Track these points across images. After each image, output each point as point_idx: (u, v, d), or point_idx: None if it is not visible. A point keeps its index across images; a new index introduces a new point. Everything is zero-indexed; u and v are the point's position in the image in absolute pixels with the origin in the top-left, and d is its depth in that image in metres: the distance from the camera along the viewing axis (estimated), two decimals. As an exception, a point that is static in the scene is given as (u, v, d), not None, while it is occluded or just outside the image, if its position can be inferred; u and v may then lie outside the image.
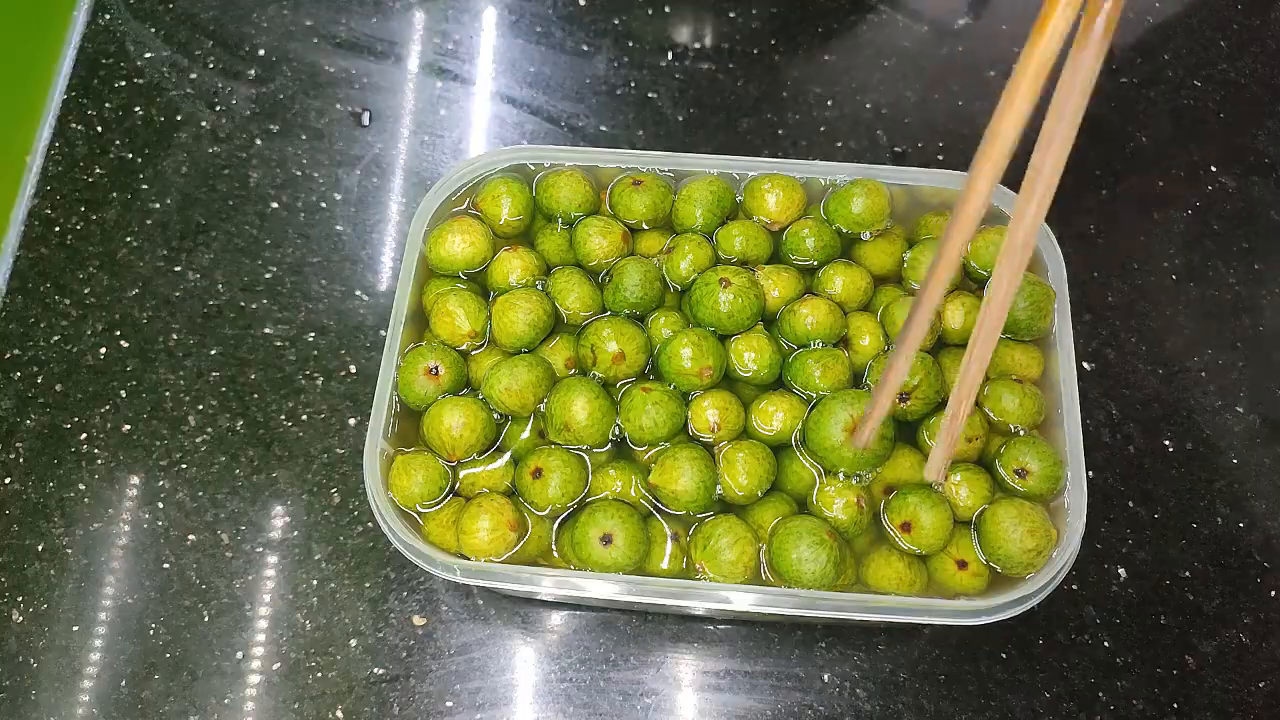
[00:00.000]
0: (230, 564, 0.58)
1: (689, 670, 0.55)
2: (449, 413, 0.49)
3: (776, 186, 0.55)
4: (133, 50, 0.75)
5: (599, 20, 0.77)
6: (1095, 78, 0.29)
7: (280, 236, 0.68)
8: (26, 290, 0.66)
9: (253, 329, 0.65)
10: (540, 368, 0.50)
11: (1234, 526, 0.59)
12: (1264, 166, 0.71)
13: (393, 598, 0.57)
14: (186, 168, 0.71)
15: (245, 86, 0.74)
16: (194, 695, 0.55)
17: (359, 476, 0.60)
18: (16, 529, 0.59)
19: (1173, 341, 0.65)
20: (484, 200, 0.55)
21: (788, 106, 0.73)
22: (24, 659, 0.55)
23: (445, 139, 0.72)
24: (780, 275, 0.53)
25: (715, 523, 0.48)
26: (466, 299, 0.52)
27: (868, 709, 0.54)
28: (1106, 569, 0.58)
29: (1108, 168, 0.71)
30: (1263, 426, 0.62)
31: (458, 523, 0.48)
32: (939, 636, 0.56)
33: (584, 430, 0.49)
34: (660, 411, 0.49)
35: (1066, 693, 0.55)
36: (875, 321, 0.53)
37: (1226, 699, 0.55)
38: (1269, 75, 0.75)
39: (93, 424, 0.62)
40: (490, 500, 0.48)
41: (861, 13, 0.77)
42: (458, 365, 0.52)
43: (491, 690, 0.55)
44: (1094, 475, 0.60)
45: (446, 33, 0.77)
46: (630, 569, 0.47)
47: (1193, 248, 0.68)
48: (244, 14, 0.77)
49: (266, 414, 0.62)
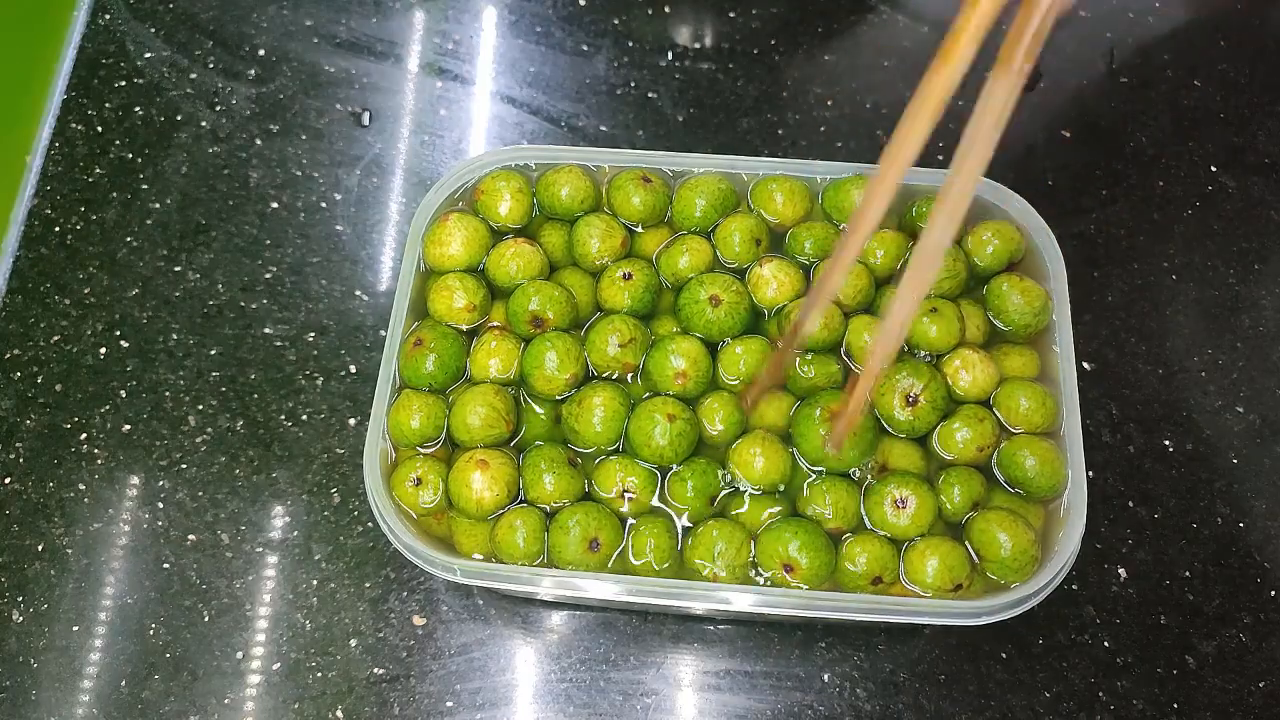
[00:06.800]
0: (230, 564, 0.58)
1: (689, 670, 0.55)
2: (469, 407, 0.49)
3: (781, 188, 0.55)
4: (133, 50, 0.75)
5: (599, 20, 0.77)
6: (1010, 109, 0.31)
7: (280, 236, 0.68)
8: (26, 290, 0.66)
9: (253, 329, 0.65)
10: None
11: (1234, 526, 0.59)
12: (1264, 166, 0.71)
13: (393, 598, 0.57)
14: (186, 168, 0.71)
15: (245, 86, 0.74)
16: (194, 695, 0.55)
17: (359, 476, 0.60)
18: (16, 529, 0.59)
19: (1173, 341, 0.65)
20: (484, 196, 0.55)
21: (788, 106, 0.73)
22: (24, 659, 0.55)
23: (445, 139, 0.72)
24: (784, 272, 0.53)
25: (712, 524, 0.48)
26: (464, 277, 0.53)
27: (868, 709, 0.54)
28: (1106, 569, 0.58)
29: (1108, 168, 0.71)
30: (1263, 426, 0.62)
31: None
32: (939, 636, 0.56)
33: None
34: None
35: (1066, 693, 0.55)
36: (879, 323, 0.52)
37: (1226, 699, 0.55)
38: (1269, 75, 0.75)
39: (93, 424, 0.62)
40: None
41: (861, 13, 0.77)
42: (445, 338, 0.52)
43: (491, 690, 0.55)
44: (1094, 475, 0.60)
45: (446, 33, 0.77)
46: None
47: (1193, 248, 0.68)
48: (244, 14, 0.77)
49: (266, 414, 0.62)
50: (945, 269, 0.52)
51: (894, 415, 0.49)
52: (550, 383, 0.50)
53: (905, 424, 0.49)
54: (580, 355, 0.51)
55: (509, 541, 0.48)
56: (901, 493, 0.48)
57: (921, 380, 0.49)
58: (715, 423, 0.50)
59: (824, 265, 0.54)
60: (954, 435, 0.49)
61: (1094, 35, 0.76)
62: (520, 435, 0.51)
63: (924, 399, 0.49)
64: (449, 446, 0.51)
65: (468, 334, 0.53)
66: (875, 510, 0.48)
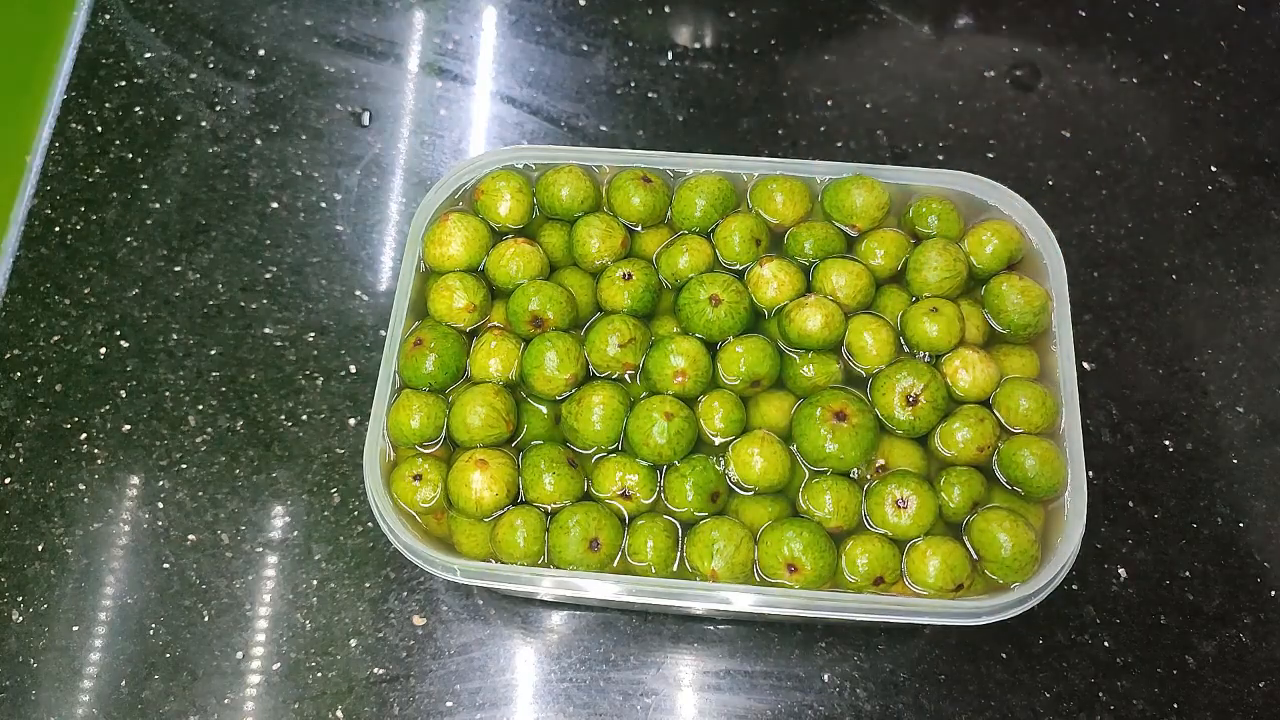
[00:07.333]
0: (230, 564, 0.58)
1: (689, 670, 0.55)
2: (469, 407, 0.49)
3: (781, 188, 0.55)
4: (133, 50, 0.75)
5: (599, 20, 0.77)
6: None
7: (280, 236, 0.68)
8: (26, 290, 0.66)
9: (253, 329, 0.65)
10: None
11: (1234, 526, 0.59)
12: (1264, 166, 0.71)
13: (393, 598, 0.57)
14: (186, 168, 0.71)
15: (245, 86, 0.74)
16: (194, 695, 0.55)
17: (359, 476, 0.60)
18: (16, 529, 0.59)
19: (1173, 341, 0.65)
20: (484, 196, 0.55)
21: (788, 106, 0.73)
22: (24, 659, 0.55)
23: (445, 139, 0.72)
24: (784, 271, 0.53)
25: (712, 524, 0.48)
26: (464, 277, 0.53)
27: (868, 709, 0.54)
28: (1106, 569, 0.58)
29: (1108, 168, 0.71)
30: (1263, 426, 0.62)
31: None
32: (939, 636, 0.56)
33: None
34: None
35: (1066, 693, 0.55)
36: (879, 322, 0.52)
37: (1226, 699, 0.55)
38: (1269, 75, 0.75)
39: (93, 424, 0.62)
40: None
41: (861, 13, 0.77)
42: (445, 338, 0.52)
43: (491, 690, 0.55)
44: (1094, 475, 0.60)
45: (446, 33, 0.77)
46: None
47: (1193, 248, 0.68)
48: (244, 14, 0.77)
49: (266, 414, 0.62)
50: (945, 269, 0.52)
51: (894, 415, 0.49)
52: (550, 383, 0.50)
53: (905, 424, 0.49)
54: (580, 355, 0.51)
55: (509, 541, 0.48)
56: (902, 493, 0.48)
57: (921, 380, 0.49)
58: (715, 422, 0.50)
59: (824, 265, 0.54)
60: (954, 435, 0.49)
61: (1094, 35, 0.76)
62: (520, 435, 0.51)
63: (924, 399, 0.49)
64: (449, 446, 0.51)
65: (468, 334, 0.53)
66: (876, 510, 0.48)
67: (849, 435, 0.48)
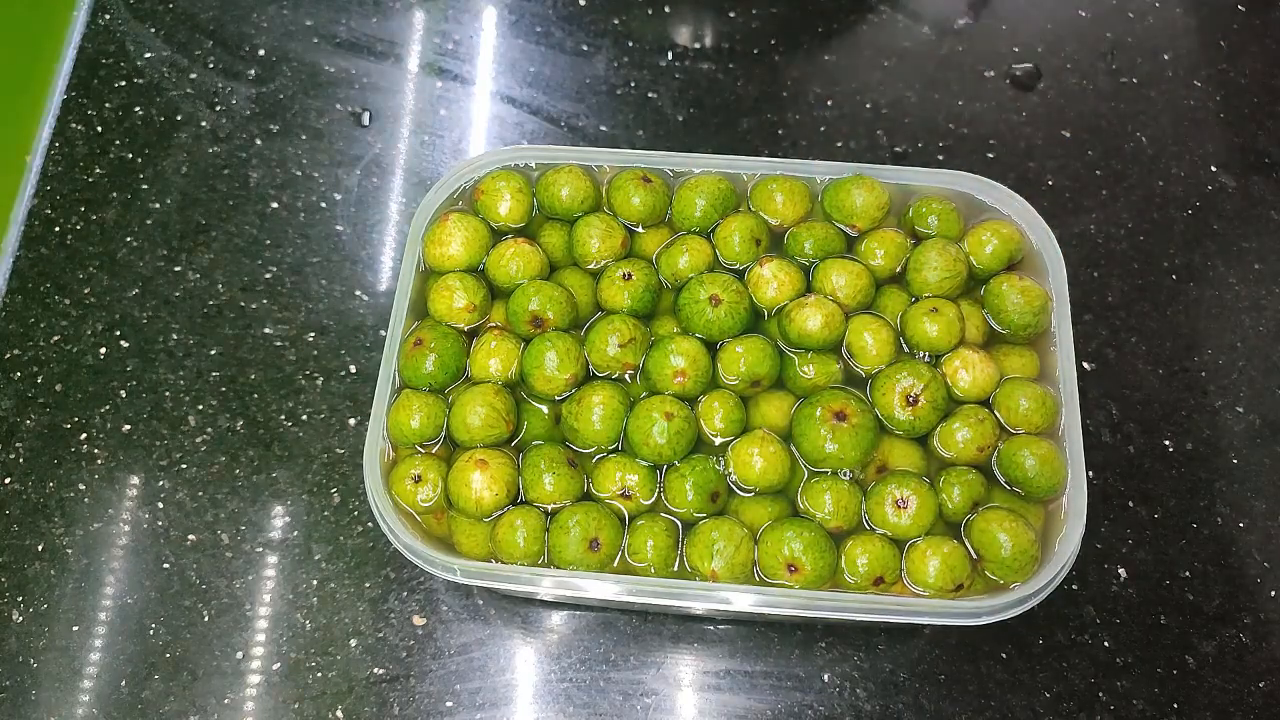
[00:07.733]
0: (230, 564, 0.58)
1: (689, 670, 0.55)
2: (469, 408, 0.49)
3: (781, 188, 0.55)
4: (133, 50, 0.75)
5: (599, 20, 0.77)
6: None
7: (280, 236, 0.68)
8: (26, 290, 0.66)
9: (253, 329, 0.65)
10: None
11: (1234, 526, 0.59)
12: (1264, 166, 0.71)
13: (393, 598, 0.57)
14: (186, 168, 0.71)
15: (245, 86, 0.74)
16: (194, 695, 0.55)
17: (359, 476, 0.60)
18: (16, 529, 0.59)
19: (1173, 341, 0.65)
20: (483, 196, 0.55)
21: (788, 106, 0.73)
22: (24, 659, 0.55)
23: (445, 139, 0.72)
24: (784, 271, 0.53)
25: (711, 524, 0.48)
26: (464, 277, 0.53)
27: (868, 709, 0.54)
28: (1106, 569, 0.58)
29: (1108, 168, 0.71)
30: (1263, 426, 0.62)
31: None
32: (939, 636, 0.56)
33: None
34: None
35: (1066, 693, 0.55)
36: (879, 322, 0.52)
37: (1226, 699, 0.55)
38: (1269, 75, 0.75)
39: (93, 424, 0.62)
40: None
41: (861, 13, 0.77)
42: (445, 338, 0.52)
43: (491, 690, 0.55)
44: (1094, 475, 0.60)
45: (446, 33, 0.77)
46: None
47: (1193, 248, 0.68)
48: (244, 14, 0.77)
49: (266, 414, 0.62)
50: (945, 269, 0.52)
51: (894, 415, 0.49)
52: (550, 383, 0.50)
53: (905, 424, 0.49)
54: (580, 355, 0.51)
55: (509, 541, 0.48)
56: (902, 493, 0.48)
57: (921, 380, 0.49)
58: (715, 422, 0.50)
59: (824, 265, 0.54)
60: (954, 435, 0.49)
61: (1094, 35, 0.76)
62: (520, 435, 0.51)
63: (924, 399, 0.49)
64: (449, 446, 0.51)
65: (468, 334, 0.53)
66: (876, 510, 0.48)
67: (849, 435, 0.48)
